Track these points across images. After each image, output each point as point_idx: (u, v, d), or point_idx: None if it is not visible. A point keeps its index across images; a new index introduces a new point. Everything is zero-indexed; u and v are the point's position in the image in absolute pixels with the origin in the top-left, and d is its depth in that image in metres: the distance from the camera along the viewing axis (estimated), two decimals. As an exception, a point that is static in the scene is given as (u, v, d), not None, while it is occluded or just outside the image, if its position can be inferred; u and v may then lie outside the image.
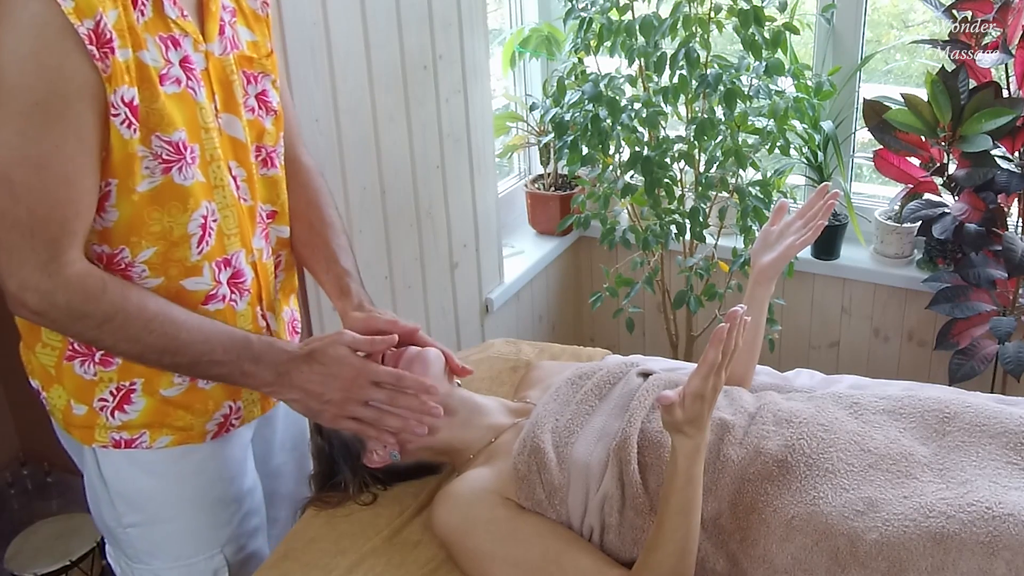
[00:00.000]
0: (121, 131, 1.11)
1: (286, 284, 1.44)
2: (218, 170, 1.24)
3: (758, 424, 1.29)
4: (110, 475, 1.33)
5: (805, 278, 2.84)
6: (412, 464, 1.45)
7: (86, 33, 1.04)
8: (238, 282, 1.30)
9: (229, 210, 1.26)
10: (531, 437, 1.31)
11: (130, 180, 1.14)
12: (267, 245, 1.36)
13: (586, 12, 2.38)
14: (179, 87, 1.17)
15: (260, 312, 1.35)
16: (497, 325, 2.77)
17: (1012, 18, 2.22)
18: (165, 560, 1.39)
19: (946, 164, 2.43)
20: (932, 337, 2.63)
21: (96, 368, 1.25)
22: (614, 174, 2.49)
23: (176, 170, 1.17)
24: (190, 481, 1.36)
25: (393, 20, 2.13)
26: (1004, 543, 1.09)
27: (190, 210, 1.20)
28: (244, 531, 1.44)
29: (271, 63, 1.33)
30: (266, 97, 1.33)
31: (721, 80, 2.25)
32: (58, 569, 2.14)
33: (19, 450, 2.58)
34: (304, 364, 1.24)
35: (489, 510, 1.28)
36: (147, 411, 1.28)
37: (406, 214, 2.29)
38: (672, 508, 1.14)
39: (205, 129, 1.21)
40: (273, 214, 1.38)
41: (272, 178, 1.36)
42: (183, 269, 1.23)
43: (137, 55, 1.11)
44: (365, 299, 1.41)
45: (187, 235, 1.21)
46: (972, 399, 1.33)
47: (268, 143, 1.34)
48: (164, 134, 1.15)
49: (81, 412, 1.28)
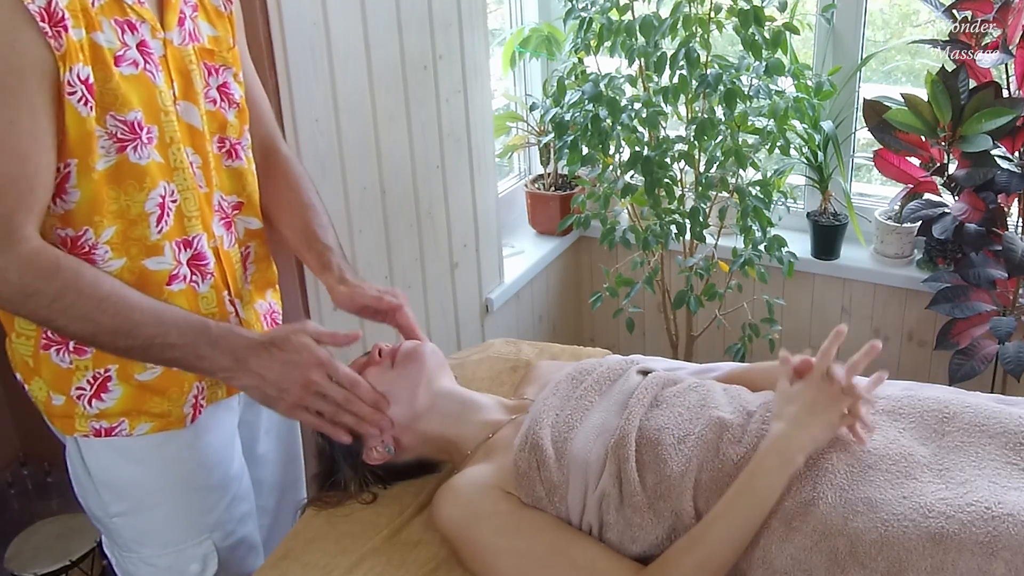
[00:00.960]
0: (78, 108, 1.12)
1: (259, 276, 1.45)
2: (178, 152, 1.25)
3: (757, 423, 1.29)
4: (93, 464, 1.34)
5: (805, 278, 2.84)
6: (412, 462, 1.46)
7: (37, 11, 1.05)
8: (200, 264, 1.30)
9: (189, 192, 1.27)
10: (531, 433, 1.32)
11: (89, 159, 1.15)
12: (229, 234, 1.37)
13: (586, 12, 2.38)
14: (136, 69, 1.18)
15: (228, 297, 1.35)
16: (497, 325, 2.77)
17: (1012, 18, 2.22)
18: (153, 548, 1.39)
19: (946, 164, 2.43)
20: (932, 337, 2.63)
21: (71, 356, 1.26)
22: (614, 174, 2.49)
23: (131, 149, 1.18)
24: (173, 468, 1.36)
25: (393, 20, 2.13)
26: (1003, 543, 1.09)
27: (146, 189, 1.21)
28: (232, 517, 1.45)
29: (232, 56, 1.35)
30: (228, 89, 1.34)
31: (721, 80, 2.25)
32: (58, 569, 2.14)
33: (19, 450, 2.58)
34: (263, 351, 1.24)
35: (492, 504, 1.28)
36: (124, 398, 1.28)
37: (406, 214, 2.29)
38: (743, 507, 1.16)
39: (164, 112, 1.22)
40: (239, 205, 1.39)
41: (237, 170, 1.37)
42: (143, 248, 1.23)
43: (91, 36, 1.12)
44: (347, 271, 1.42)
45: (144, 213, 1.22)
46: (972, 399, 1.33)
47: (232, 135, 1.35)
48: (119, 113, 1.16)
49: (60, 402, 1.28)
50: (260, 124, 1.46)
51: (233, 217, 1.38)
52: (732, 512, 1.16)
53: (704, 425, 1.29)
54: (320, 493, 1.47)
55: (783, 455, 1.18)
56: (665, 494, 1.23)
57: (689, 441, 1.27)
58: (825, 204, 2.75)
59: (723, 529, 1.16)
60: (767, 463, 1.18)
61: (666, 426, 1.29)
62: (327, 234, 1.45)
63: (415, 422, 1.39)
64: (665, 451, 1.26)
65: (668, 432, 1.28)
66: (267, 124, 1.49)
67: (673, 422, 1.30)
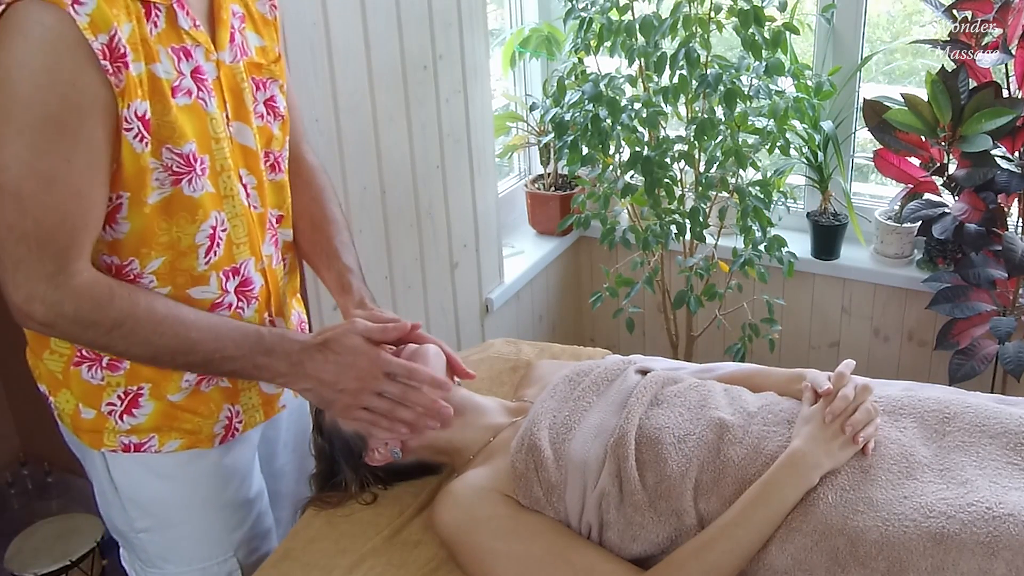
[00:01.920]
0: (134, 145, 1.10)
1: (290, 286, 1.44)
2: (228, 180, 1.23)
3: (758, 424, 1.29)
4: (120, 479, 1.33)
5: (805, 278, 2.84)
6: (412, 464, 1.45)
7: (100, 48, 1.04)
8: (246, 290, 1.29)
9: (239, 219, 1.26)
10: (528, 435, 1.31)
11: (142, 193, 1.14)
12: (276, 250, 1.36)
13: (586, 12, 2.38)
14: (190, 99, 1.16)
15: (268, 318, 1.35)
16: (497, 325, 2.77)
17: (1012, 18, 2.22)
18: (178, 564, 1.39)
19: (946, 164, 2.43)
20: (932, 337, 2.63)
21: (104, 373, 1.25)
22: (614, 174, 2.49)
23: (186, 182, 1.17)
24: (201, 485, 1.35)
25: (393, 20, 2.13)
26: (1004, 543, 1.09)
27: (199, 221, 1.20)
28: (257, 533, 1.45)
29: (279, 68, 1.33)
30: (274, 103, 1.32)
31: (721, 80, 2.25)
32: (58, 569, 2.14)
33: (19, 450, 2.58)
34: (317, 353, 1.24)
35: (491, 507, 1.28)
36: (155, 414, 1.28)
37: (406, 214, 2.29)
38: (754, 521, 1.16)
39: (216, 139, 1.20)
40: (280, 218, 1.37)
41: (279, 183, 1.36)
42: (190, 278, 1.22)
43: (150, 68, 1.11)
44: (367, 296, 1.41)
45: (195, 245, 1.21)
46: (972, 399, 1.33)
47: (275, 148, 1.34)
48: (175, 147, 1.14)
49: (90, 416, 1.27)
50: (291, 131, 1.43)
51: (277, 231, 1.37)
52: (743, 523, 1.16)
53: (704, 426, 1.29)
54: (320, 493, 1.47)
55: (798, 469, 1.18)
56: (665, 494, 1.23)
57: (689, 441, 1.27)
58: (825, 204, 2.75)
59: (732, 539, 1.16)
60: (782, 477, 1.18)
61: (666, 425, 1.29)
62: (348, 253, 1.44)
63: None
64: (665, 450, 1.26)
65: (668, 431, 1.28)
66: (296, 131, 1.45)
67: (673, 422, 1.30)
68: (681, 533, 1.22)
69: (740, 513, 1.17)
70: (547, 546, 1.23)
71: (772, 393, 1.41)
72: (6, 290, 1.10)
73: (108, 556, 2.25)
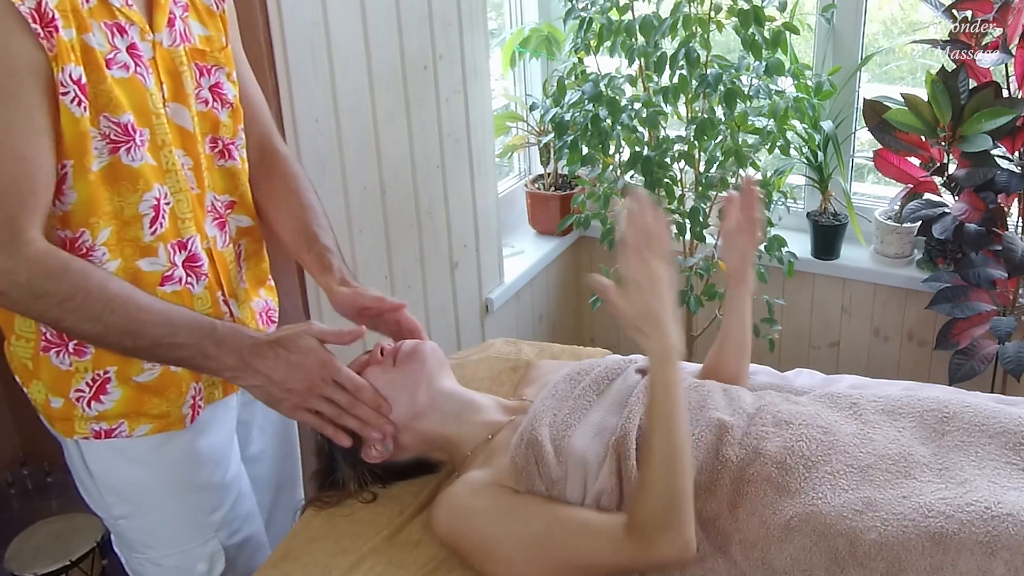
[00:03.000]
0: (72, 109, 1.12)
1: (251, 273, 1.45)
2: (169, 155, 1.25)
3: (757, 425, 1.29)
4: (95, 467, 1.34)
5: (805, 278, 2.84)
6: (411, 462, 1.46)
7: (28, 12, 1.06)
8: (194, 266, 1.30)
9: (182, 194, 1.27)
10: (528, 430, 1.32)
11: (84, 159, 1.15)
12: (222, 234, 1.37)
13: (586, 12, 2.38)
14: (127, 72, 1.18)
15: (221, 297, 1.36)
16: (497, 325, 2.77)
17: (1012, 18, 2.22)
18: (160, 548, 1.40)
19: (946, 164, 2.44)
20: (932, 337, 2.63)
21: (71, 358, 1.26)
22: (614, 174, 2.49)
23: (124, 151, 1.18)
24: (175, 468, 1.36)
25: (393, 20, 2.13)
26: (1003, 543, 1.09)
27: (140, 191, 1.21)
28: (237, 515, 1.45)
29: (225, 56, 1.35)
30: (220, 89, 1.34)
31: (721, 80, 2.25)
32: (58, 569, 2.14)
33: (19, 450, 2.58)
34: (269, 350, 1.24)
35: (488, 499, 1.28)
36: (123, 400, 1.29)
37: (406, 214, 2.29)
38: (656, 428, 1.14)
39: (156, 115, 1.22)
40: (232, 204, 1.39)
41: (231, 169, 1.37)
42: (138, 249, 1.23)
43: (82, 37, 1.13)
44: (347, 274, 1.42)
45: (138, 215, 1.22)
46: (971, 399, 1.33)
47: (225, 135, 1.35)
48: (112, 115, 1.16)
49: (58, 405, 1.28)
50: (256, 123, 1.45)
51: (226, 216, 1.38)
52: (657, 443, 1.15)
53: (704, 426, 1.29)
54: (319, 493, 1.47)
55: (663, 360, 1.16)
56: (664, 493, 1.23)
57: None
58: (825, 204, 2.75)
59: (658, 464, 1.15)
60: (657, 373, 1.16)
61: (666, 426, 1.29)
62: (326, 235, 1.45)
63: (414, 421, 1.39)
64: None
65: (668, 432, 1.28)
66: (263, 123, 1.48)
67: (673, 422, 1.30)
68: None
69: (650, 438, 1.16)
70: (544, 521, 1.23)
71: (771, 393, 1.41)
72: None
73: (108, 556, 2.25)
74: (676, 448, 1.15)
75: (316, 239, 1.43)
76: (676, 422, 1.15)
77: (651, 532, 1.15)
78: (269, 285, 1.51)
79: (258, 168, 1.45)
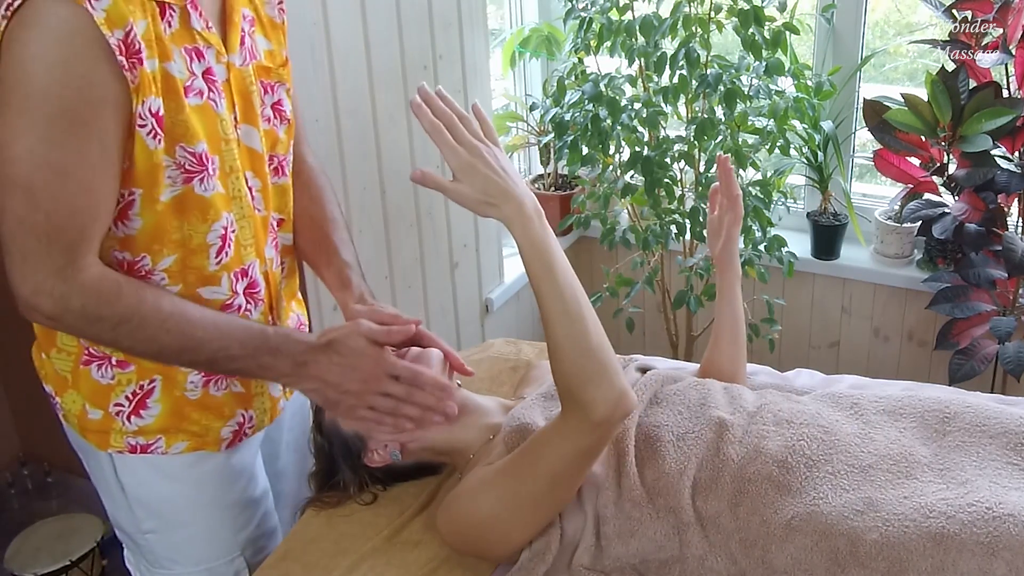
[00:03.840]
0: (147, 141, 1.10)
1: (289, 290, 1.45)
2: (236, 181, 1.24)
3: (758, 424, 1.29)
4: (127, 480, 1.33)
5: (805, 278, 2.84)
6: (412, 464, 1.45)
7: (116, 43, 1.04)
8: (253, 292, 1.30)
9: (246, 220, 1.26)
10: (520, 415, 1.32)
11: (154, 190, 1.14)
12: (277, 254, 1.36)
13: (586, 12, 2.38)
14: (201, 99, 1.17)
15: (271, 320, 1.35)
16: (497, 325, 2.77)
17: (1012, 18, 2.22)
18: (186, 564, 1.39)
19: (946, 164, 2.44)
20: (932, 337, 2.63)
21: (114, 371, 1.25)
22: (614, 174, 2.49)
23: (197, 181, 1.17)
24: (208, 485, 1.35)
25: (393, 20, 2.13)
26: (1004, 543, 1.09)
27: (210, 220, 1.20)
28: (263, 533, 1.45)
29: (286, 72, 1.33)
30: (281, 106, 1.33)
31: (721, 80, 2.25)
32: (58, 569, 2.14)
33: (19, 450, 2.58)
34: (322, 354, 1.23)
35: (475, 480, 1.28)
36: (163, 415, 1.28)
37: (406, 214, 2.29)
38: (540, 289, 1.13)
39: (225, 141, 1.21)
40: (281, 222, 1.38)
41: (282, 186, 1.36)
42: (200, 277, 1.23)
43: (164, 66, 1.11)
44: (366, 291, 1.41)
45: (206, 244, 1.21)
46: (972, 399, 1.33)
47: (280, 152, 1.34)
48: (188, 145, 1.15)
49: (97, 416, 1.27)
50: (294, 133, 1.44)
51: (278, 235, 1.37)
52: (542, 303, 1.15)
53: (704, 424, 1.29)
54: (319, 494, 1.47)
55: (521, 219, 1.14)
56: (663, 491, 1.23)
57: (688, 439, 1.27)
58: (825, 204, 2.75)
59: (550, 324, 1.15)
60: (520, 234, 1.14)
61: (665, 423, 1.30)
62: (347, 250, 1.44)
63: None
64: (664, 448, 1.26)
65: (667, 429, 1.29)
66: (298, 134, 1.46)
67: (672, 420, 1.30)
68: (679, 530, 1.22)
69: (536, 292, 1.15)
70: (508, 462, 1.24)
71: (772, 392, 1.41)
72: (13, 282, 1.10)
73: (108, 556, 2.25)
74: (566, 302, 1.13)
75: (337, 254, 1.42)
76: (556, 275, 1.13)
77: (581, 396, 1.14)
78: (299, 299, 1.51)
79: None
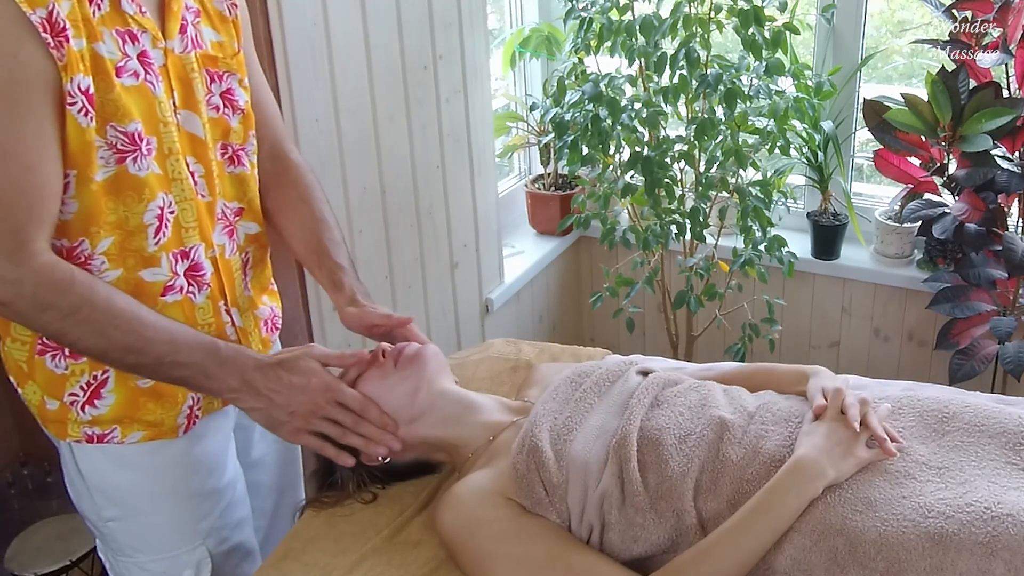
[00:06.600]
0: (78, 119, 1.11)
1: (257, 280, 1.44)
2: (176, 163, 1.24)
3: (757, 423, 1.29)
4: (87, 469, 1.34)
5: (805, 278, 2.84)
6: (411, 463, 1.46)
7: (39, 21, 1.05)
8: (196, 275, 1.30)
9: (187, 204, 1.27)
10: (529, 436, 1.32)
11: (88, 170, 1.15)
12: (231, 241, 1.36)
13: (586, 12, 2.38)
14: (137, 80, 1.18)
15: (223, 307, 1.35)
16: (497, 325, 2.77)
17: (1012, 18, 2.22)
18: (147, 553, 1.40)
19: (946, 164, 2.44)
20: (932, 337, 2.63)
21: (67, 361, 1.25)
22: (614, 174, 2.49)
23: (131, 160, 1.18)
24: (167, 475, 1.36)
25: (393, 20, 2.13)
26: (1003, 543, 1.09)
27: (145, 200, 1.20)
28: (227, 523, 1.45)
29: (237, 62, 1.34)
30: (232, 96, 1.33)
31: (721, 80, 2.25)
32: (58, 569, 2.14)
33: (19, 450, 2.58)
34: (271, 372, 1.24)
35: (492, 510, 1.28)
36: (117, 405, 1.28)
37: (406, 214, 2.29)
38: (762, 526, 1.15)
39: (164, 123, 1.22)
40: (240, 211, 1.38)
41: (240, 176, 1.37)
42: (140, 259, 1.23)
43: (92, 46, 1.12)
44: (359, 292, 1.41)
45: (143, 225, 1.21)
46: (971, 399, 1.33)
47: (235, 141, 1.35)
48: (119, 124, 1.15)
49: (53, 407, 1.28)
50: (268, 129, 1.45)
51: (235, 223, 1.38)
52: (744, 529, 1.15)
53: (705, 424, 1.29)
54: (319, 493, 1.47)
55: (802, 477, 1.17)
56: (666, 494, 1.23)
57: (690, 441, 1.27)
58: (825, 204, 2.75)
59: (732, 545, 1.15)
60: (786, 484, 1.17)
61: (667, 426, 1.29)
62: (339, 251, 1.44)
63: (414, 423, 1.39)
64: (667, 451, 1.26)
65: (669, 432, 1.28)
66: (275, 128, 1.47)
67: (674, 422, 1.30)
68: (681, 533, 1.22)
69: (742, 519, 1.16)
70: (547, 549, 1.23)
71: (771, 392, 1.41)
72: None
73: (108, 556, 2.25)
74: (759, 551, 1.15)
75: (328, 255, 1.43)
76: (777, 532, 1.16)
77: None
78: (272, 290, 1.51)
79: (270, 176, 1.44)
